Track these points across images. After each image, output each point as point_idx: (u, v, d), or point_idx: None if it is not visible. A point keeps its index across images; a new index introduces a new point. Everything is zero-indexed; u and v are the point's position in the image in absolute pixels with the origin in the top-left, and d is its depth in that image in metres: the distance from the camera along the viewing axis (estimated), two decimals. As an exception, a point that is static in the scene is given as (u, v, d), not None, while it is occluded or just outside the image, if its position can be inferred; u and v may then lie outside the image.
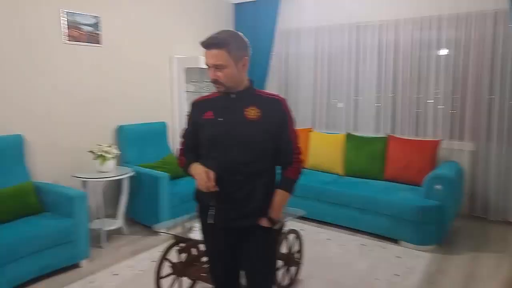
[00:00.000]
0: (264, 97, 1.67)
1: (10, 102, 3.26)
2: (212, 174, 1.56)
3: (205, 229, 1.79)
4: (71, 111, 3.69)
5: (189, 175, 1.71)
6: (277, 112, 1.64)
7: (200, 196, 1.73)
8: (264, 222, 1.64)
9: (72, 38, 3.62)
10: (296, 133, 1.69)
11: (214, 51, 1.53)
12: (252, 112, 1.60)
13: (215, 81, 1.59)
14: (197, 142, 1.70)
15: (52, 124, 3.54)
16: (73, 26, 3.61)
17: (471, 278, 2.96)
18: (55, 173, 3.54)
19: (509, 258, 3.30)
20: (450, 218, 3.65)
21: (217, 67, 1.55)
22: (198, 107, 1.73)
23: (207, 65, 1.58)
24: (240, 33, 1.61)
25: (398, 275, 2.98)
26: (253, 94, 1.66)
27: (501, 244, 3.59)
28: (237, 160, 1.60)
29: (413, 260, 3.24)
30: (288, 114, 1.66)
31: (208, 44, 1.55)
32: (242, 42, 1.59)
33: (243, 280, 1.82)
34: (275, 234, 1.74)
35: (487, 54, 4.01)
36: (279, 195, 1.66)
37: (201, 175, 1.56)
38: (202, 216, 1.76)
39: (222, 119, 1.63)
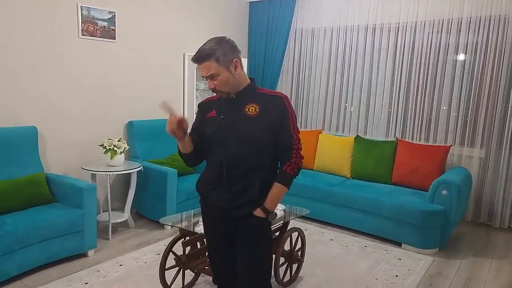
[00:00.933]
0: (265, 94, 1.73)
1: (26, 95, 3.37)
2: (176, 117, 1.64)
3: (205, 219, 1.91)
4: (84, 105, 3.79)
5: (180, 153, 1.85)
6: (277, 108, 1.68)
7: (200, 186, 1.85)
8: (259, 212, 1.71)
9: (87, 33, 3.70)
10: (297, 129, 1.72)
11: (204, 64, 1.62)
12: (251, 109, 1.68)
13: (213, 90, 1.68)
14: (200, 138, 1.81)
15: (64, 117, 3.65)
16: (88, 21, 3.69)
17: (469, 282, 3.01)
18: (65, 165, 3.65)
19: (510, 263, 3.33)
20: (454, 223, 3.66)
21: (210, 77, 1.64)
22: (203, 107, 1.84)
23: (202, 77, 1.68)
24: (226, 38, 1.69)
25: (397, 276, 3.03)
26: (254, 92, 1.73)
27: (503, 251, 3.61)
28: (237, 155, 1.68)
29: (414, 262, 3.28)
30: (289, 110, 1.69)
31: (196, 58, 1.64)
32: (228, 47, 1.66)
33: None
34: (269, 226, 1.79)
35: (506, 62, 3.97)
36: (275, 188, 1.72)
37: (169, 120, 1.65)
38: (202, 206, 1.88)
39: (223, 117, 1.72)
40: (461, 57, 4.23)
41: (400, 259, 3.31)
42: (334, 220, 4.00)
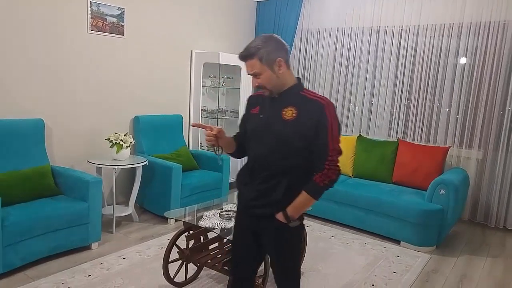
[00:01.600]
0: (306, 98, 1.60)
1: (34, 88, 3.28)
2: (214, 129, 1.65)
3: (237, 211, 1.87)
4: (91, 99, 3.69)
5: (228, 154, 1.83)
6: (315, 114, 1.54)
7: (237, 177, 1.80)
8: (280, 217, 1.62)
9: (96, 28, 3.61)
10: (336, 139, 1.55)
11: (248, 62, 1.59)
12: (289, 112, 1.58)
13: (258, 87, 1.64)
14: (244, 131, 1.78)
15: (71, 111, 3.56)
16: (98, 16, 3.60)
17: (464, 278, 3.00)
18: (71, 158, 3.55)
19: (504, 261, 3.32)
20: (452, 222, 3.63)
21: (254, 75, 1.60)
22: (251, 101, 1.79)
23: (247, 74, 1.64)
24: (273, 36, 1.61)
25: (395, 272, 3.00)
26: (296, 94, 1.62)
27: (497, 249, 3.59)
28: (267, 156, 1.62)
29: (412, 259, 3.25)
30: (328, 118, 1.53)
31: (241, 56, 1.60)
32: (273, 46, 1.57)
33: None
34: (294, 231, 1.67)
35: (503, 66, 3.92)
36: (301, 196, 1.59)
37: (207, 135, 1.66)
38: (237, 199, 1.83)
39: (262, 116, 1.67)
40: (461, 60, 4.18)
41: (398, 256, 3.28)
42: (335, 217, 3.93)
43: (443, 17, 4.17)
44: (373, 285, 2.77)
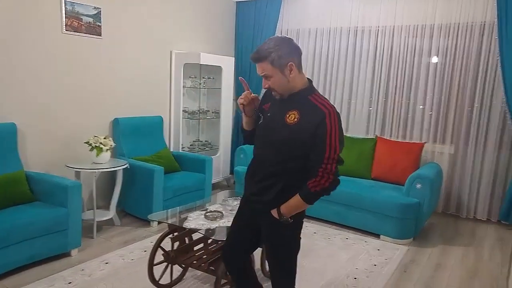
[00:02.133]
0: (311, 102, 1.58)
1: (5, 90, 3.07)
2: (251, 94, 1.67)
3: (241, 200, 1.91)
4: (67, 101, 3.50)
5: (242, 129, 1.82)
6: (316, 121, 1.52)
7: (246, 172, 1.80)
8: (274, 212, 1.65)
9: (71, 28, 3.43)
10: (334, 149, 1.51)
11: (259, 64, 1.57)
12: (291, 116, 1.57)
13: (268, 89, 1.63)
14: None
15: (46, 114, 3.35)
16: (73, 16, 3.42)
17: (439, 267, 3.08)
18: (48, 163, 3.35)
19: (474, 250, 3.42)
20: (427, 215, 3.70)
21: (265, 76, 1.58)
22: (266, 95, 1.76)
23: (259, 74, 1.62)
24: (286, 40, 1.59)
25: (376, 265, 3.03)
26: (303, 98, 1.59)
27: (469, 238, 3.69)
28: (266, 157, 1.65)
29: (391, 252, 3.29)
30: (328, 127, 1.50)
31: (253, 58, 1.59)
32: (285, 50, 1.55)
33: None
34: (289, 227, 1.68)
35: (472, 65, 4.02)
36: (295, 198, 1.60)
37: (244, 94, 1.68)
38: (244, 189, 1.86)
39: (269, 115, 1.67)
40: (433, 60, 4.25)
41: (378, 250, 3.31)
42: (317, 214, 3.90)
43: (416, 18, 4.24)
44: (355, 278, 2.78)
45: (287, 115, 1.58)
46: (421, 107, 4.32)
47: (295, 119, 1.55)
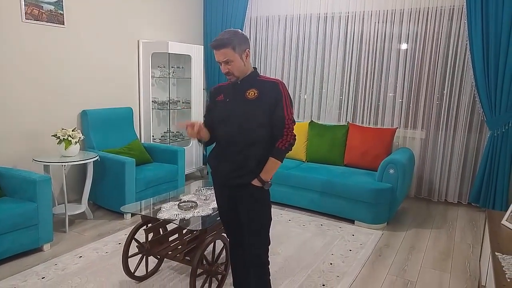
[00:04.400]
0: (264, 80, 1.97)
1: (-34, 83, 3.06)
2: (195, 124, 1.90)
3: (215, 187, 2.15)
4: (31, 93, 3.53)
5: (204, 143, 2.09)
6: (273, 92, 1.90)
7: (210, 159, 2.09)
8: (256, 182, 1.93)
9: (32, 16, 3.43)
10: (290, 111, 1.92)
11: (222, 50, 1.85)
12: (251, 93, 1.92)
13: (227, 73, 1.91)
14: (212, 118, 2.05)
15: (9, 107, 3.38)
16: (32, 3, 3.42)
17: (413, 250, 3.27)
18: (13, 158, 3.40)
19: (446, 232, 3.65)
20: (400, 199, 3.89)
21: (226, 62, 1.87)
22: (214, 92, 2.08)
23: (218, 62, 1.90)
24: (239, 31, 1.93)
25: (351, 250, 3.19)
26: (255, 79, 1.97)
27: (440, 221, 3.93)
28: (237, 132, 1.91)
29: (365, 237, 3.46)
30: (283, 94, 1.90)
31: (216, 45, 1.86)
32: (242, 38, 1.89)
33: None
34: (266, 193, 1.99)
35: (441, 50, 4.23)
36: (270, 161, 1.93)
37: (189, 132, 1.92)
38: (213, 177, 2.11)
39: (228, 100, 1.98)
40: (403, 46, 4.46)
41: (353, 235, 3.48)
42: (291, 202, 4.09)
43: (386, 3, 4.42)
44: (331, 263, 2.93)
45: (247, 93, 1.92)
46: (392, 93, 4.53)
47: (255, 94, 1.91)
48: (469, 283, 2.73)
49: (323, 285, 2.63)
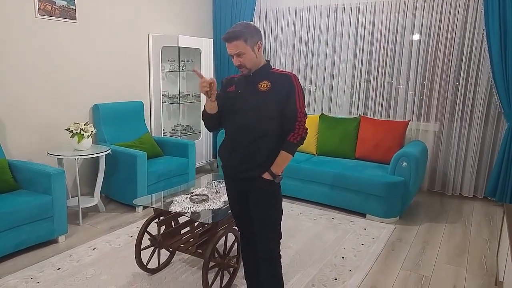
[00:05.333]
0: (276, 73, 1.97)
1: (-19, 78, 3.17)
2: (208, 79, 1.86)
3: (226, 180, 2.17)
4: (45, 88, 3.62)
5: (205, 115, 2.04)
6: (285, 84, 1.91)
7: (220, 151, 2.10)
8: (266, 175, 1.94)
9: (45, 12, 3.51)
10: (302, 104, 1.93)
11: (234, 43, 1.86)
12: (264, 85, 1.93)
13: (239, 66, 1.92)
14: (221, 107, 2.01)
15: (24, 102, 3.48)
16: None
17: (426, 244, 3.26)
18: (29, 152, 3.51)
19: (461, 227, 3.62)
20: (413, 193, 3.89)
21: (238, 55, 1.88)
22: (226, 83, 2.09)
23: (230, 54, 1.91)
24: (251, 23, 1.94)
25: (363, 244, 3.21)
26: (267, 72, 1.97)
27: (455, 216, 3.90)
28: (248, 124, 1.93)
29: (378, 231, 3.47)
30: (295, 87, 1.91)
31: (228, 38, 1.87)
32: (254, 31, 1.90)
33: None
34: (277, 186, 2.00)
35: (456, 40, 4.18)
36: (281, 155, 1.93)
37: (202, 82, 1.87)
38: (223, 169, 2.13)
39: (240, 91, 1.98)
40: (416, 37, 4.42)
41: (365, 229, 3.49)
42: (302, 195, 4.12)
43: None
44: (343, 257, 2.94)
45: (259, 85, 1.93)
46: (405, 85, 4.50)
47: (268, 86, 1.92)
48: (486, 279, 2.71)
49: (335, 279, 2.66)
